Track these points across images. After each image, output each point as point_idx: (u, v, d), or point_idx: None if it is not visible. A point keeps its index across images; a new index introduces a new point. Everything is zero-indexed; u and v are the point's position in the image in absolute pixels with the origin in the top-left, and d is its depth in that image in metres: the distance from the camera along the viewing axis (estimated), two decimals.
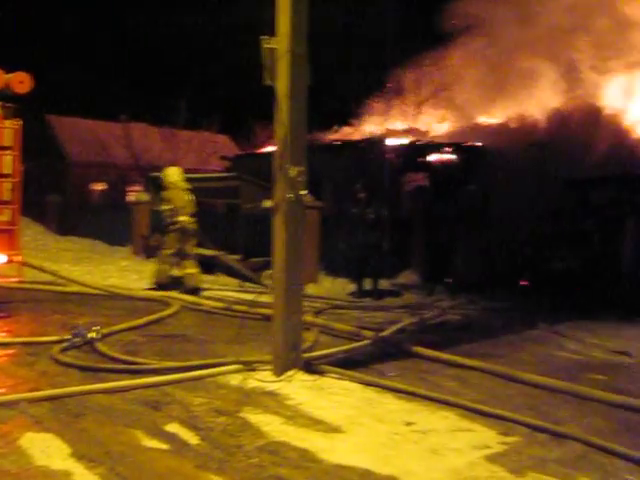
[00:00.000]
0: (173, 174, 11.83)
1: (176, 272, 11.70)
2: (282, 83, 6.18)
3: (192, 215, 11.57)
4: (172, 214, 11.44)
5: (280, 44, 6.15)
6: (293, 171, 6.16)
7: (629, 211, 10.89)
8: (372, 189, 12.25)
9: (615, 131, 16.43)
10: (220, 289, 12.05)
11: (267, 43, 6.11)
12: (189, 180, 12.73)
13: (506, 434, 4.96)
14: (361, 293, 12.11)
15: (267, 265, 12.70)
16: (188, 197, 11.65)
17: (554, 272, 12.16)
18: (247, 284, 12.17)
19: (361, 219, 11.95)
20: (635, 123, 17.14)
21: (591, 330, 9.27)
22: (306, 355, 6.54)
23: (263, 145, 27.18)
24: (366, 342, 7.68)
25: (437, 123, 20.36)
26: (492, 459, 4.49)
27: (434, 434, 4.92)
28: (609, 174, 13.31)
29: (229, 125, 35.27)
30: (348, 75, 26.47)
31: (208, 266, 13.38)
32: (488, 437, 4.90)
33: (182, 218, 11.41)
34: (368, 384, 6.10)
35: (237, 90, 33.42)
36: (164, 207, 11.63)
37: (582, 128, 16.60)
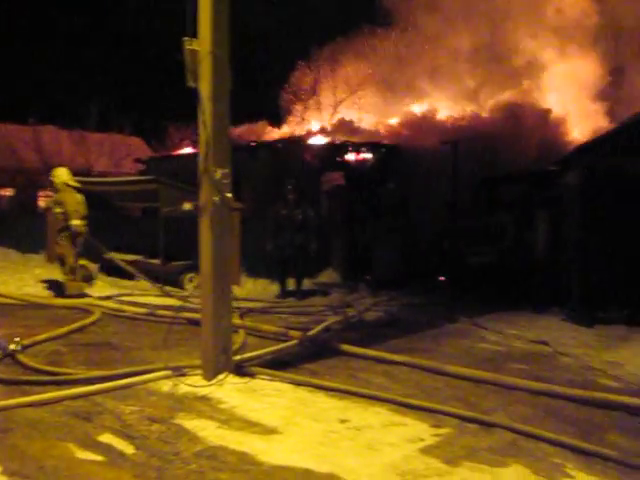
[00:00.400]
0: (62, 175, 11.49)
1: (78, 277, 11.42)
2: (205, 85, 6.14)
3: (83, 217, 11.27)
4: (64, 217, 11.18)
5: (202, 46, 6.12)
6: (218, 173, 6.14)
7: (539, 206, 11.26)
8: (300, 190, 12.31)
9: (529, 128, 17.00)
10: (141, 294, 11.82)
11: (189, 45, 6.07)
12: (104, 184, 12.42)
13: (438, 426, 5.10)
14: (285, 294, 12.15)
15: (189, 268, 12.58)
16: (79, 198, 11.36)
17: (471, 266, 12.51)
18: (169, 288, 11.98)
19: (290, 220, 12.00)
20: (550, 118, 17.76)
21: (509, 321, 9.61)
22: (236, 358, 6.52)
23: (178, 147, 26.81)
24: (294, 342, 7.73)
25: (355, 122, 20.57)
26: (426, 451, 4.61)
27: (369, 430, 5.01)
28: (520, 171, 13.76)
29: (142, 127, 34.61)
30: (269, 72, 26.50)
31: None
32: (421, 430, 5.02)
33: (74, 222, 11.12)
34: (299, 384, 6.14)
35: (149, 91, 32.92)
36: (57, 210, 11.36)
37: (497, 125, 17.11)
